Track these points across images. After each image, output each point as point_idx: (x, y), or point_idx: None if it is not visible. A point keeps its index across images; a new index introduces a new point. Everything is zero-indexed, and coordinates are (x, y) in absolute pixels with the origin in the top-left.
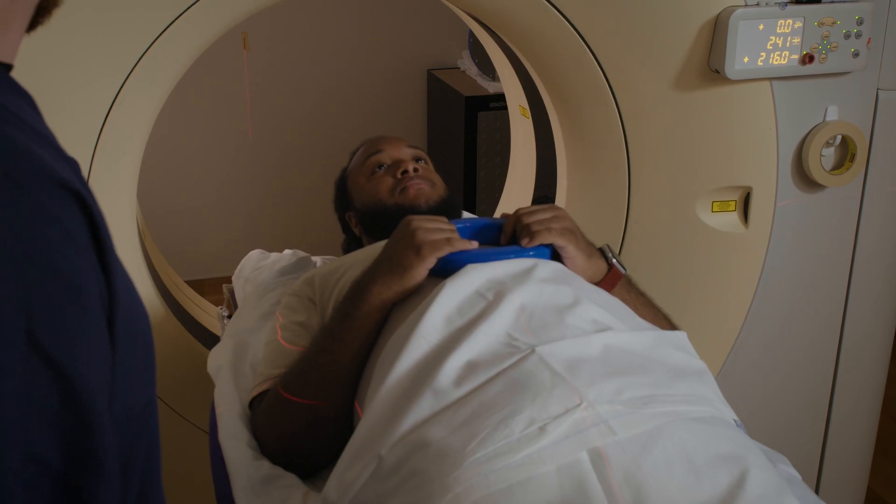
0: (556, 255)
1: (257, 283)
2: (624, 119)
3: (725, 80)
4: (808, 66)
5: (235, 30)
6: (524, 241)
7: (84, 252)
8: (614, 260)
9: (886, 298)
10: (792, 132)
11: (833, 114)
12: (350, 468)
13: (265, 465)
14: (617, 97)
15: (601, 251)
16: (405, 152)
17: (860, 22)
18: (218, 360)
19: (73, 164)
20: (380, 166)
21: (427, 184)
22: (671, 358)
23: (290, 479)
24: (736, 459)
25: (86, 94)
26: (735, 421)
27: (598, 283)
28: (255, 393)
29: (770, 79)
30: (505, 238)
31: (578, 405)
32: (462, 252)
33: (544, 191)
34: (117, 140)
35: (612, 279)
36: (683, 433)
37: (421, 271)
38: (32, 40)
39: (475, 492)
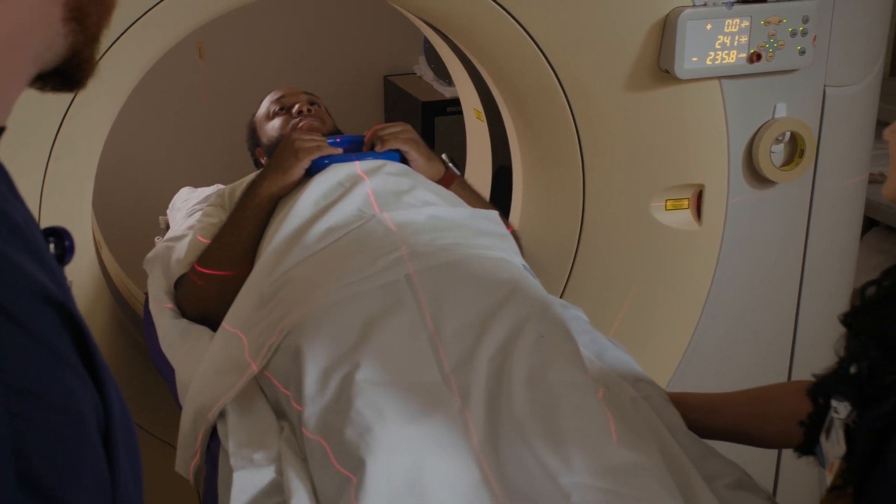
0: (404, 161)
1: (185, 210)
2: (577, 120)
3: (675, 80)
4: (755, 64)
5: (191, 39)
6: (377, 148)
7: (74, 369)
8: (450, 164)
9: (839, 291)
10: (742, 130)
11: (782, 111)
12: (241, 305)
13: (183, 322)
14: (569, 99)
15: (441, 159)
16: (301, 97)
17: (806, 20)
18: (151, 259)
19: (47, 258)
20: (281, 108)
21: (318, 121)
22: (481, 225)
23: (203, 329)
24: (512, 282)
25: (39, 104)
26: (524, 266)
27: (438, 182)
28: (177, 275)
29: (719, 77)
30: (366, 147)
31: (401, 247)
32: (330, 156)
33: (502, 192)
34: (71, 151)
35: (448, 178)
36: (476, 265)
37: (298, 170)
38: None
39: (322, 302)
